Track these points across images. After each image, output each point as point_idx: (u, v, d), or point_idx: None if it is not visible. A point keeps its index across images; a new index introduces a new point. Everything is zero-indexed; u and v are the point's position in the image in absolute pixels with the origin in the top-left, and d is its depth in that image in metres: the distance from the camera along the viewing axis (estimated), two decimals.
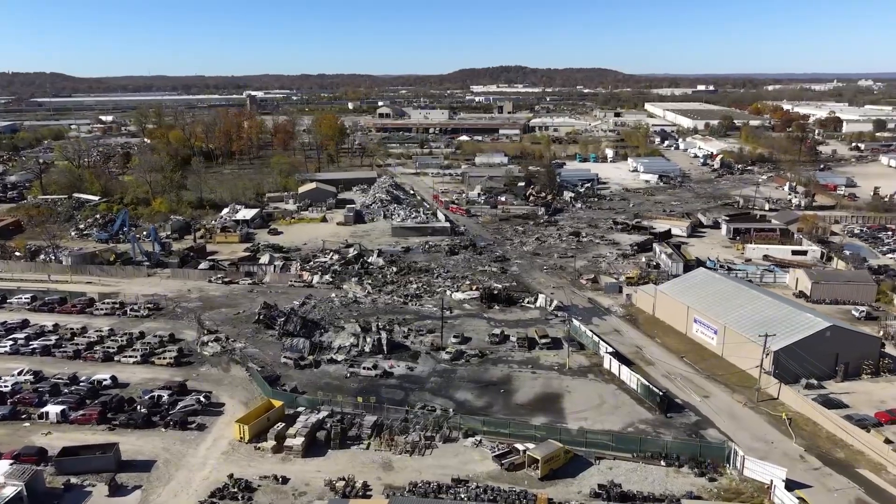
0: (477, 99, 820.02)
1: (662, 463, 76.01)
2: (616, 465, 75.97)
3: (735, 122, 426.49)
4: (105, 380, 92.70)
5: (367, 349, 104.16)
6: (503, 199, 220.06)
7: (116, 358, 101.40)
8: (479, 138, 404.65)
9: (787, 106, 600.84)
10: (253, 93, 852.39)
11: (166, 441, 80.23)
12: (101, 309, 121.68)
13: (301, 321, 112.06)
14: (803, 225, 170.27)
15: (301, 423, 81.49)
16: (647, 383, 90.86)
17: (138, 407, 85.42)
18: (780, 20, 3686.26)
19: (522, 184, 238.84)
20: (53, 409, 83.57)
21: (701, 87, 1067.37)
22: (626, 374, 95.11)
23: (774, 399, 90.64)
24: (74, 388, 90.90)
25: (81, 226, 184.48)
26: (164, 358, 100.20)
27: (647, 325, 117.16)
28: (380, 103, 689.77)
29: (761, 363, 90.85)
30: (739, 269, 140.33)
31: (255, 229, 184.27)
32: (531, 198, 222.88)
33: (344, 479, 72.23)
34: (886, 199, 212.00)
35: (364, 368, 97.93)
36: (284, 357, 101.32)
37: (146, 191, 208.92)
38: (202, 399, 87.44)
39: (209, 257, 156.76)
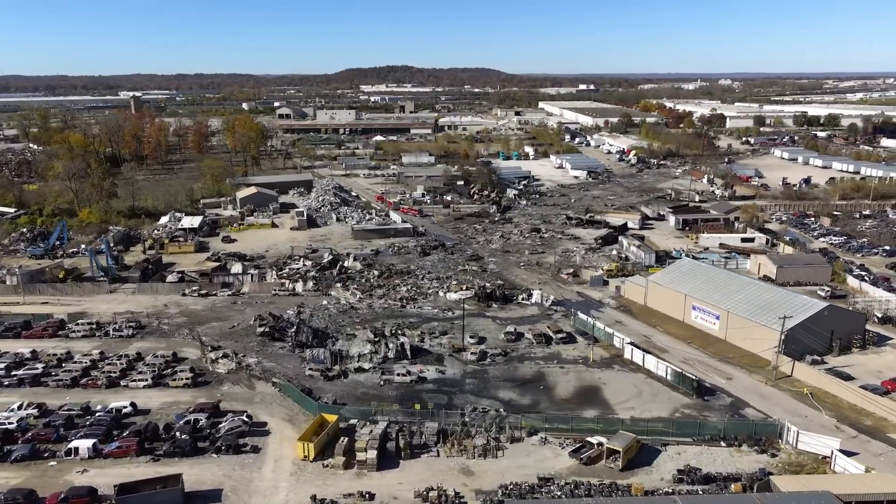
0: (373, 99, 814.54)
1: (723, 444, 79.98)
2: (682, 450, 79.05)
3: (634, 119, 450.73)
4: (125, 407, 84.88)
5: (390, 355, 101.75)
6: (449, 198, 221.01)
7: (123, 383, 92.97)
8: (394, 138, 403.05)
9: (668, 104, 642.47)
10: (133, 93, 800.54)
11: (223, 467, 74.79)
12: (77, 331, 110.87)
13: (311, 331, 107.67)
14: (744, 215, 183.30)
15: (365, 435, 78.55)
16: (679, 370, 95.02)
17: (178, 434, 78.90)
18: (650, 23, 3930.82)
19: (461, 183, 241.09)
20: (83, 444, 75.54)
21: (583, 87, 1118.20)
22: (653, 363, 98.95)
23: (789, 376, 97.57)
24: (92, 419, 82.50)
25: (5, 241, 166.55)
26: (179, 379, 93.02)
27: (643, 315, 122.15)
28: (276, 104, 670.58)
29: (779, 343, 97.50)
30: (704, 258, 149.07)
31: (205, 237, 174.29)
32: (475, 196, 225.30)
33: (433, 488, 70.54)
34: (796, 188, 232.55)
35: (398, 375, 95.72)
36: (309, 369, 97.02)
37: (70, 200, 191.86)
38: (245, 419, 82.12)
39: (168, 269, 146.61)
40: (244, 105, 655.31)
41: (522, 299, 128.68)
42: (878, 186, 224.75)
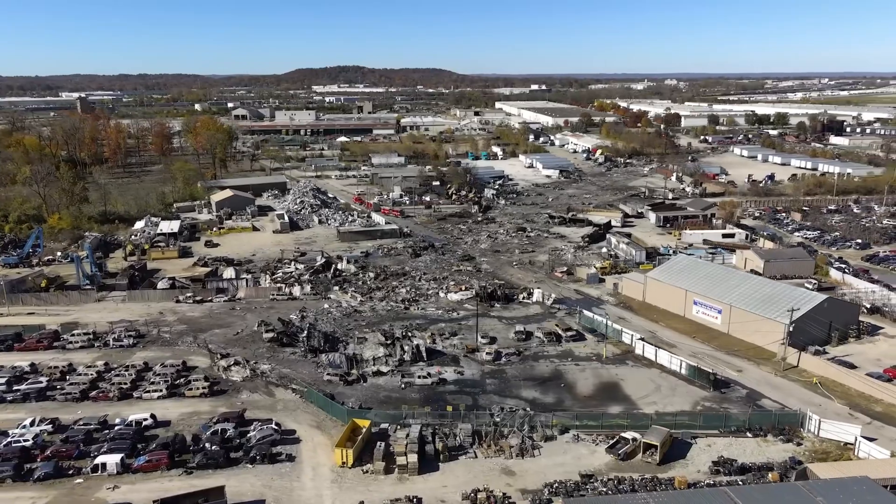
0: (328, 99, 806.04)
1: (749, 434, 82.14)
2: (712, 442, 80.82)
3: (593, 119, 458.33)
4: (145, 419, 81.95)
5: (406, 357, 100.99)
6: (428, 198, 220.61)
7: (136, 394, 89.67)
8: (359, 138, 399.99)
9: (622, 104, 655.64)
10: (79, 94, 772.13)
11: (260, 477, 72.97)
12: (74, 342, 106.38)
13: (322, 336, 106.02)
14: (720, 211, 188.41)
15: (402, 439, 77.75)
16: (694, 364, 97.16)
17: (208, 445, 76.58)
18: (597, 25, 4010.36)
19: (437, 183, 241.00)
20: (111, 459, 72.59)
21: (534, 87, 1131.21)
22: (666, 358, 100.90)
23: (795, 367, 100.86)
24: (112, 432, 79.32)
25: None
26: (195, 388, 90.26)
27: (644, 311, 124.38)
28: (230, 105, 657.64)
29: (786, 335, 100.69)
30: (691, 254, 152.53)
31: (185, 242, 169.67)
32: (453, 197, 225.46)
33: (480, 489, 70.36)
34: (762, 185, 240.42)
35: (419, 377, 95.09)
36: (328, 375, 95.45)
37: (37, 206, 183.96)
38: (275, 427, 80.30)
39: (155, 276, 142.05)
40: (197, 106, 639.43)
41: (524, 298, 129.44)
42: (838, 182, 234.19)
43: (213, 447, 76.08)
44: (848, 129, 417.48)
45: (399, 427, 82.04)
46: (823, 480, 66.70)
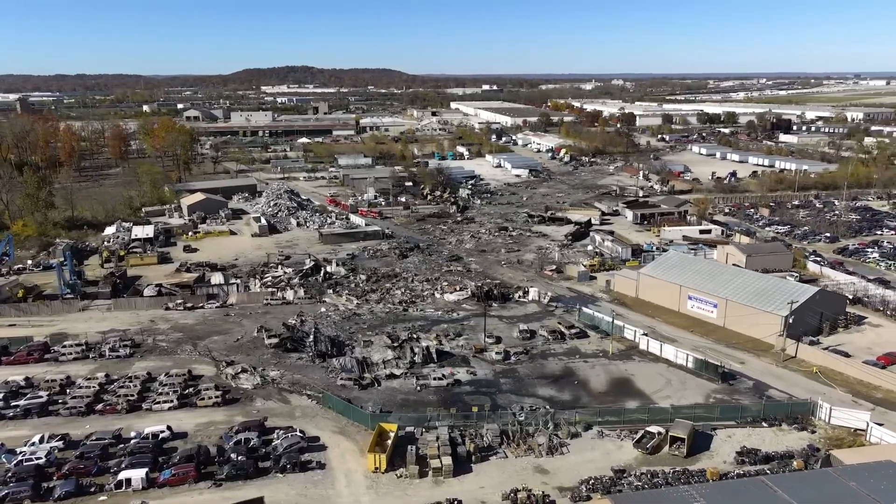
0: (280, 100, 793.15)
1: (765, 424, 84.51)
2: (731, 433, 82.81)
3: (552, 119, 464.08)
4: (162, 431, 79.10)
5: (417, 359, 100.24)
6: (404, 199, 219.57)
7: (145, 406, 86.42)
8: (320, 139, 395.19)
9: (575, 103, 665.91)
10: (19, 95, 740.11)
11: (294, 486, 71.29)
12: (67, 354, 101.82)
13: (329, 340, 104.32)
14: (693, 208, 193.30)
15: (432, 442, 77.15)
16: (701, 357, 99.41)
17: (234, 455, 74.39)
18: (544, 26, 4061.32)
19: (410, 184, 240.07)
20: (136, 474, 69.76)
21: (486, 87, 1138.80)
22: (671, 352, 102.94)
23: (793, 357, 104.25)
24: (130, 446, 76.23)
25: None
26: (207, 398, 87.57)
27: (638, 307, 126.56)
28: (180, 106, 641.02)
29: (785, 327, 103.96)
30: (674, 250, 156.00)
31: (162, 247, 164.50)
32: (428, 197, 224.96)
33: (521, 489, 70.33)
34: (726, 182, 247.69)
35: (434, 379, 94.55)
36: (342, 379, 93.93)
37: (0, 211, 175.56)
38: (300, 434, 78.62)
39: (138, 283, 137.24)
40: (145, 107, 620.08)
41: (520, 297, 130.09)
42: (796, 179, 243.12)
43: (240, 457, 74.00)
44: (795, 128, 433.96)
45: (424, 430, 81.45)
46: (850, 466, 69.10)
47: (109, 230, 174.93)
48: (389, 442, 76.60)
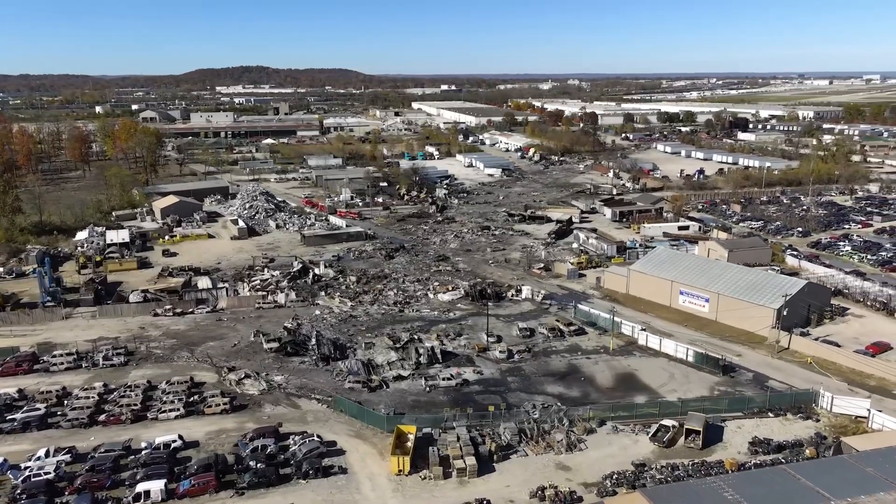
0: (237, 100, 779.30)
1: (771, 415, 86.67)
2: (740, 424, 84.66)
3: (517, 118, 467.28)
4: (173, 441, 76.81)
5: (423, 360, 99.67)
6: (381, 199, 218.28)
7: (150, 415, 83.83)
8: (285, 140, 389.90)
9: (535, 103, 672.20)
10: None
11: (319, 492, 70.06)
12: (58, 363, 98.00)
13: (331, 343, 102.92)
14: (669, 205, 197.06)
15: (453, 442, 76.80)
16: (701, 351, 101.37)
17: (253, 463, 72.70)
18: (498, 25, 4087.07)
19: (385, 184, 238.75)
20: (154, 486, 67.55)
21: (444, 87, 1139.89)
22: (672, 347, 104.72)
23: (787, 349, 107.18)
24: (142, 457, 73.81)
25: None
26: (214, 405, 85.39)
27: (630, 303, 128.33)
28: (134, 107, 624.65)
29: (778, 319, 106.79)
30: (655, 246, 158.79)
31: (139, 252, 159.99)
32: (405, 197, 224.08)
33: (547, 486, 70.60)
34: (695, 179, 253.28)
35: (443, 380, 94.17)
36: (350, 382, 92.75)
37: None
38: (318, 439, 77.35)
39: (120, 289, 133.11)
40: (98, 108, 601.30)
41: (513, 296, 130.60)
42: (761, 176, 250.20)
43: (259, 465, 72.36)
44: (751, 126, 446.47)
45: (442, 430, 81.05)
46: (864, 452, 71.38)
47: (81, 235, 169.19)
48: (410, 444, 75.97)
